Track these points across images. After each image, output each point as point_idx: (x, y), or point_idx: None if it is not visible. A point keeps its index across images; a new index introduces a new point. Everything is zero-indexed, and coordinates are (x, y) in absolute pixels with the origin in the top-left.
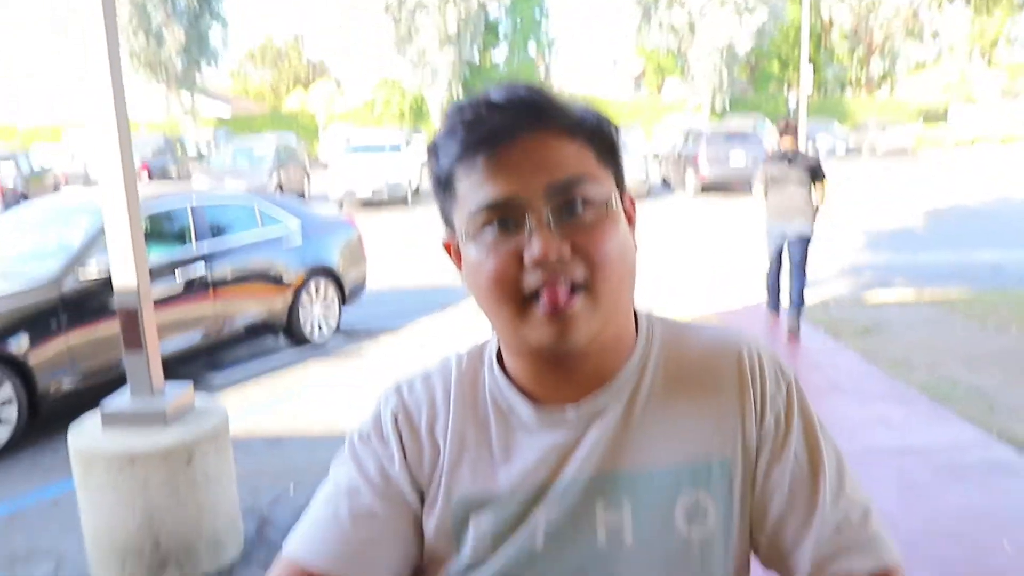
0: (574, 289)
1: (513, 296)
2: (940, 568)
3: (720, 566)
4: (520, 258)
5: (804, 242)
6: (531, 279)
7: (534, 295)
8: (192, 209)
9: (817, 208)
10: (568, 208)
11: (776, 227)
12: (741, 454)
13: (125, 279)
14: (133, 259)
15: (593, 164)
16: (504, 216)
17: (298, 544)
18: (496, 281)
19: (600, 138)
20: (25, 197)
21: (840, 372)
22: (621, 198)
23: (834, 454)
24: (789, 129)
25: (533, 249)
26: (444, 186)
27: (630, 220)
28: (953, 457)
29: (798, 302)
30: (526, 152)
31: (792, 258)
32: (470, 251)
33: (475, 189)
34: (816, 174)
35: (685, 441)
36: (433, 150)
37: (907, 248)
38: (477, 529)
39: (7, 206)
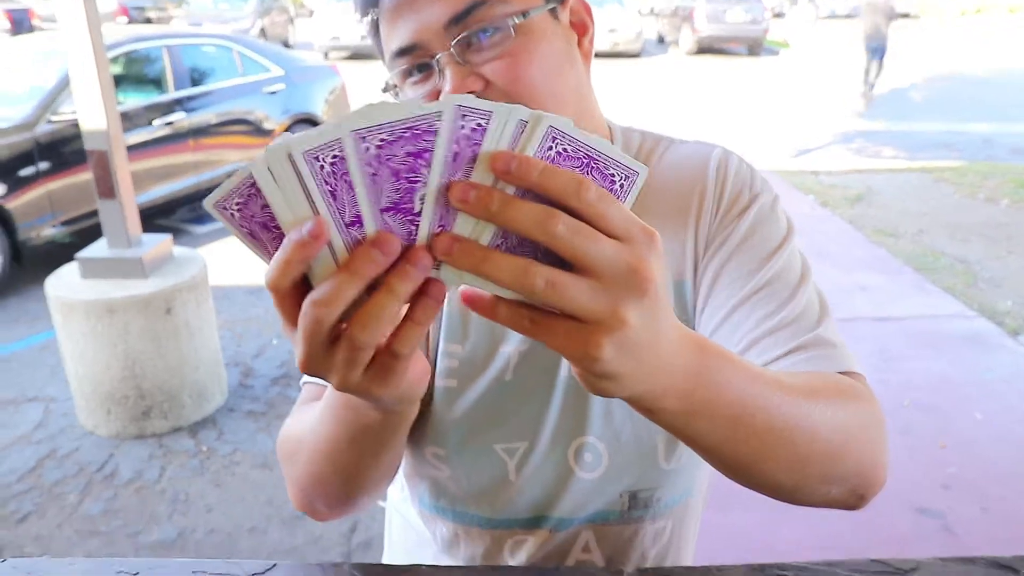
0: None
1: None
2: (911, 438)
3: None
4: None
5: (883, 48)
6: None
7: None
8: (168, 50)
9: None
10: (475, 37)
11: (870, 42)
12: (692, 270)
13: (93, 120)
14: (101, 97)
15: None
16: (416, 61)
17: None
18: None
19: None
20: None
21: (826, 239)
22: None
23: (800, 267)
24: None
25: (444, 91)
26: (373, 35)
27: (578, 27)
28: (931, 328)
29: (876, 81)
30: None
31: (876, 56)
32: (400, 99)
33: (387, 36)
34: (892, 14)
35: None
36: None
37: (901, 116)
38: (449, 359)
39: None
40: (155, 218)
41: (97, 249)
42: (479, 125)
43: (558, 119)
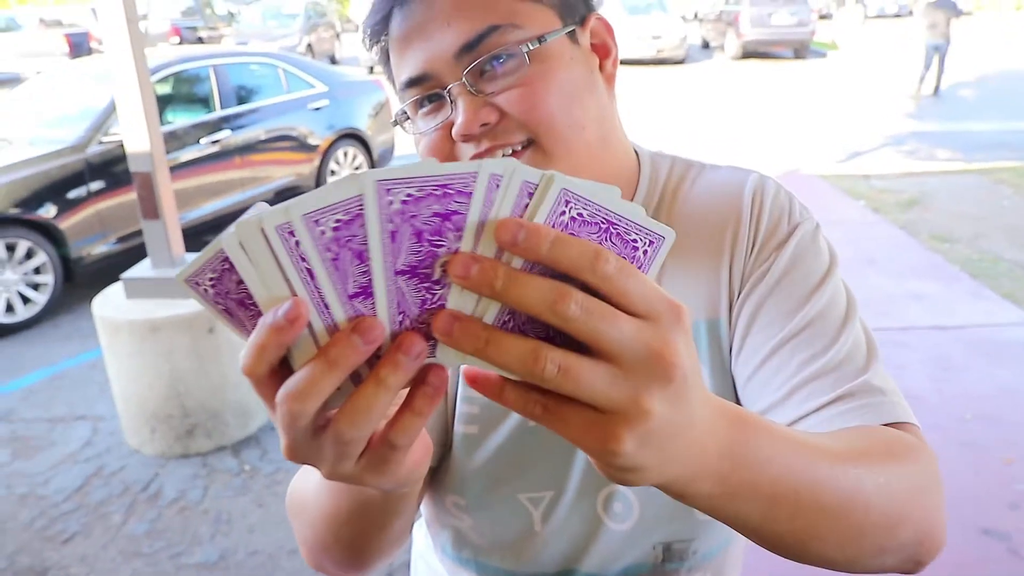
0: (520, 150)
1: None
2: (974, 453)
3: None
4: (452, 133)
5: (945, 48)
6: (465, 155)
7: None
8: (215, 70)
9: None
10: (488, 66)
11: (931, 42)
12: (727, 308)
13: (137, 142)
14: (144, 120)
15: (512, 2)
16: (427, 92)
17: None
18: None
19: None
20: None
21: (877, 246)
22: (584, 22)
23: (844, 303)
24: None
25: (456, 124)
26: (384, 64)
27: (599, 49)
28: (990, 336)
29: (940, 78)
30: (432, 10)
31: (940, 57)
32: (411, 131)
33: (397, 66)
34: (956, 12)
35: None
36: (364, 25)
37: (955, 116)
38: (469, 404)
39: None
40: (204, 235)
41: (141, 269)
42: (413, 194)
43: (571, 180)
